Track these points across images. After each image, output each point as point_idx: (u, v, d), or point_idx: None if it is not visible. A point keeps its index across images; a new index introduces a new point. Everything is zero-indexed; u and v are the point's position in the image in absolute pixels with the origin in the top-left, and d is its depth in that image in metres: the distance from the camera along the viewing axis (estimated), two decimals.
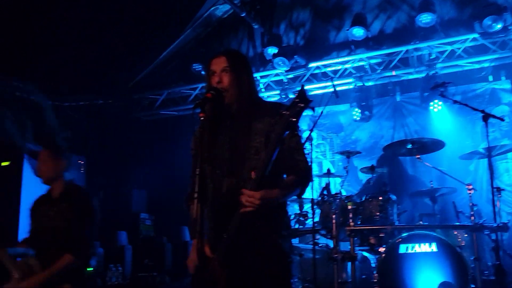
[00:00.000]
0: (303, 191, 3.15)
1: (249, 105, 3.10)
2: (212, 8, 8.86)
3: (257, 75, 8.85)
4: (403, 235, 5.31)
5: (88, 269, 4.30)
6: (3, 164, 6.59)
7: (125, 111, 9.68)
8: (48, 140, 4.40)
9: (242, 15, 8.60)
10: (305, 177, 3.10)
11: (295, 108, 2.65)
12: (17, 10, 6.94)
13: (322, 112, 6.46)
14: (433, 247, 5.13)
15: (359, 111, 8.08)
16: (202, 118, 2.85)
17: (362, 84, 8.17)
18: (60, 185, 4.28)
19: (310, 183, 3.34)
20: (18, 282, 3.99)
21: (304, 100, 2.64)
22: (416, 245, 5.19)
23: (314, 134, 6.28)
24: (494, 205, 5.04)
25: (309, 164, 3.11)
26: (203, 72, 8.90)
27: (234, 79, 3.10)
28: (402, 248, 5.22)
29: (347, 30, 8.17)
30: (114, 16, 7.81)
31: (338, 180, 7.84)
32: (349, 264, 5.54)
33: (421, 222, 5.81)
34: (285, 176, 3.07)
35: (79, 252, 4.14)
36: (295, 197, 5.08)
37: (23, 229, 5.82)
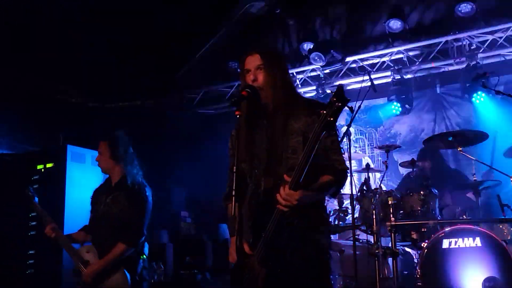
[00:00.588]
0: (338, 191, 3.12)
1: (285, 103, 3.08)
2: (247, 5, 8.84)
3: (293, 71, 8.82)
4: (446, 230, 5.20)
5: (142, 256, 4.42)
6: (48, 165, 6.77)
7: (164, 110, 9.78)
8: (106, 132, 4.63)
9: (277, 11, 8.57)
10: (341, 177, 3.07)
11: (333, 107, 2.62)
12: (56, 12, 7.08)
13: (360, 107, 6.39)
14: (477, 242, 5.01)
15: (399, 104, 7.95)
16: (238, 116, 2.87)
17: (400, 77, 8.04)
18: (117, 175, 4.50)
19: (348, 180, 3.29)
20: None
21: (341, 99, 2.61)
22: (460, 240, 5.07)
23: (352, 129, 6.19)
24: None
25: (345, 164, 3.08)
26: (239, 70, 8.91)
27: (268, 76, 3.09)
28: (445, 243, 5.10)
29: (384, 23, 8.04)
30: (151, 16, 7.89)
31: (378, 175, 7.76)
32: (391, 260, 5.47)
33: (464, 216, 5.69)
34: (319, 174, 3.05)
35: (131, 240, 4.29)
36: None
37: (68, 226, 6.00)
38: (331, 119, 2.62)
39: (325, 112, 2.63)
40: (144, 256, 4.49)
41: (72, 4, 7.07)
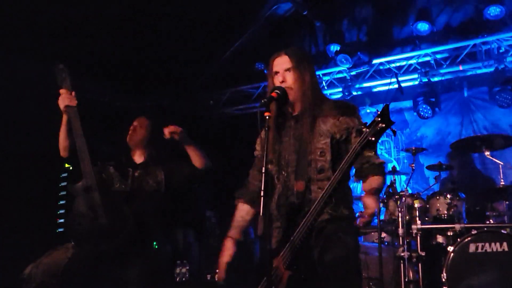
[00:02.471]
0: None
1: (313, 105, 3.11)
2: (274, 7, 8.88)
3: (319, 72, 8.83)
4: (472, 234, 5.17)
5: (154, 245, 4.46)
6: (67, 165, 6.89)
7: (190, 110, 9.86)
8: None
9: (304, 13, 8.58)
10: (384, 173, 3.06)
11: (376, 127, 2.62)
12: (82, 12, 7.18)
13: None
14: (504, 246, 4.98)
15: (428, 107, 7.88)
16: (267, 117, 2.89)
17: (427, 79, 7.99)
18: (142, 154, 4.51)
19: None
20: None
21: (386, 120, 2.61)
22: (487, 244, 5.04)
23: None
24: None
25: (380, 158, 3.07)
26: (265, 71, 8.95)
27: (297, 78, 3.12)
28: (472, 248, 5.08)
29: (412, 25, 8.02)
30: (178, 17, 7.96)
31: (404, 177, 7.73)
32: (416, 263, 5.46)
33: (491, 220, 5.65)
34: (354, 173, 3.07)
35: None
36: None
37: None
38: (373, 139, 2.62)
39: (367, 130, 2.63)
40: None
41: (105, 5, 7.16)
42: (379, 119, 2.63)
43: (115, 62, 7.97)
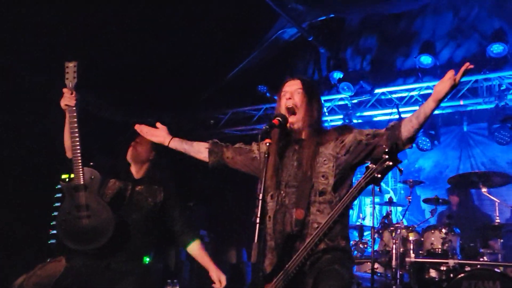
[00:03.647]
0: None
1: (316, 130, 3.14)
2: (280, 31, 8.96)
3: (321, 98, 8.85)
4: (466, 271, 5.15)
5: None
6: (64, 176, 6.88)
7: (190, 128, 9.88)
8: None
9: (309, 39, 8.66)
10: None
11: (383, 164, 2.63)
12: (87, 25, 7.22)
13: None
14: (498, 286, 4.95)
15: (427, 139, 7.91)
16: (268, 144, 2.90)
17: None
18: (143, 170, 4.50)
19: (369, 212, 3.31)
20: None
21: (393, 159, 2.62)
22: (480, 282, 5.01)
23: None
24: None
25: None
26: (268, 94, 9.00)
27: (305, 100, 3.15)
28: (465, 285, 5.05)
29: (415, 57, 8.09)
30: (182, 35, 8.01)
31: (400, 209, 7.72)
32: None
33: (485, 258, 5.63)
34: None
35: None
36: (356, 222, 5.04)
37: None
38: (379, 175, 2.63)
39: (374, 166, 2.64)
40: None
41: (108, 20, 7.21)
42: (387, 156, 2.63)
43: (117, 77, 8.00)
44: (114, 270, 4.12)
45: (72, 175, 4.02)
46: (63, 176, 7.47)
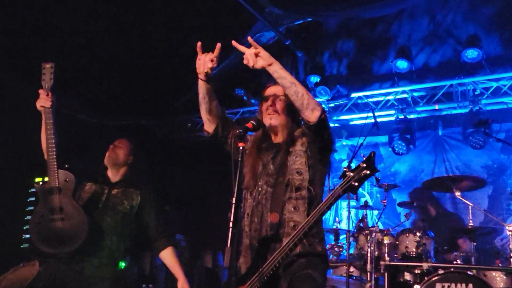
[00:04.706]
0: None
1: (292, 133, 3.18)
2: (257, 35, 8.95)
3: None
4: (439, 273, 5.20)
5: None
6: (37, 180, 6.79)
7: (167, 132, 9.83)
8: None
9: (287, 42, 8.67)
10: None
11: (360, 173, 2.64)
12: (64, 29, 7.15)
13: (362, 143, 6.45)
14: None
15: (403, 143, 7.97)
16: (241, 148, 2.90)
17: (404, 116, 8.10)
18: (120, 174, 4.50)
19: (345, 216, 3.33)
20: None
21: (371, 167, 2.63)
22: (453, 285, 5.06)
23: (353, 165, 6.24)
24: None
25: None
26: (245, 97, 9.02)
27: (286, 106, 3.17)
28: (438, 287, 5.10)
29: (391, 62, 8.15)
30: (159, 37, 7.96)
31: (376, 212, 7.77)
32: None
33: (458, 261, 5.70)
34: None
35: None
36: (332, 226, 5.04)
37: None
38: (356, 184, 2.64)
39: (351, 174, 2.65)
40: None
41: (85, 21, 7.14)
42: (365, 165, 2.64)
43: (93, 80, 7.93)
44: (89, 275, 4.08)
45: (46, 178, 3.99)
46: (37, 180, 7.41)
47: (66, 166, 4.13)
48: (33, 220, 3.99)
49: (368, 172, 2.63)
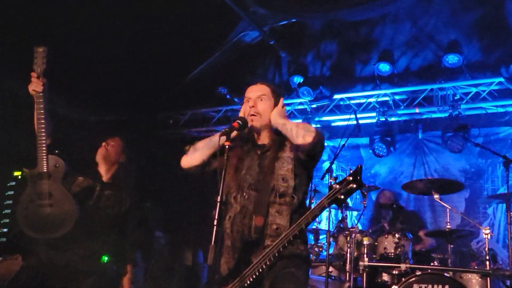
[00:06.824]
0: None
1: (278, 135, 3.19)
2: (242, 34, 8.96)
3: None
4: (416, 274, 5.27)
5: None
6: (16, 173, 6.71)
7: (149, 128, 9.79)
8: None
9: (271, 42, 8.70)
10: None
11: (346, 186, 2.66)
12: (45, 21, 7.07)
13: (344, 145, 6.50)
14: None
15: (383, 146, 8.05)
16: (226, 147, 2.92)
17: (385, 119, 8.19)
18: (111, 172, 4.52)
19: (325, 215, 3.36)
20: None
21: (357, 182, 2.65)
22: (429, 286, 5.13)
23: (334, 166, 6.30)
24: (510, 251, 5.01)
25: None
26: (228, 96, 9.03)
27: (268, 107, 3.19)
28: None
29: (374, 64, 8.23)
30: (144, 33, 7.92)
31: (355, 213, 7.84)
32: None
33: (435, 262, 5.78)
34: None
35: None
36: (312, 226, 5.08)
37: None
38: (342, 197, 2.66)
39: (337, 187, 2.67)
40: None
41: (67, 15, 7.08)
42: (351, 178, 2.67)
43: (75, 74, 7.85)
44: (73, 270, 4.08)
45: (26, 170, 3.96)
46: (15, 174, 7.34)
47: (56, 151, 4.12)
48: (21, 205, 3.97)
49: (354, 186, 2.66)
